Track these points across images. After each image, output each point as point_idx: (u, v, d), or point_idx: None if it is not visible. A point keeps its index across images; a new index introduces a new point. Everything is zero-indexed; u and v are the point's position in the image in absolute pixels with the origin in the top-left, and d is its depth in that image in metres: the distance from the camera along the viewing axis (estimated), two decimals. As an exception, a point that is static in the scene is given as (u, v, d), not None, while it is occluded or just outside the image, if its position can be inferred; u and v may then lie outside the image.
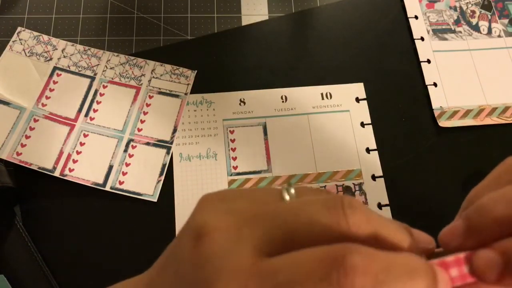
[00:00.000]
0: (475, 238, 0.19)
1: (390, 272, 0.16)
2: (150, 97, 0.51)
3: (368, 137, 0.51)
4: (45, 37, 0.53)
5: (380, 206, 0.48)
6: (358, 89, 0.53)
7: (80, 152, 0.48)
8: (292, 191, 0.19)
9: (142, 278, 0.22)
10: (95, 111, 0.50)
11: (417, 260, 0.16)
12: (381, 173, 0.49)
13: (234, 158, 0.49)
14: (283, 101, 0.52)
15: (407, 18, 0.57)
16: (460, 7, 0.58)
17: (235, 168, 0.49)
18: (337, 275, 0.15)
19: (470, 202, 0.21)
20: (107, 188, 0.47)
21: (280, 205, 0.18)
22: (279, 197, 0.19)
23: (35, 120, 0.49)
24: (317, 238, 0.17)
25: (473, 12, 0.58)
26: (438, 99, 0.52)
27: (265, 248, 0.17)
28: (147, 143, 0.49)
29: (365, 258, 0.16)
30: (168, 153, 0.49)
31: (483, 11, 0.58)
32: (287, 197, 0.19)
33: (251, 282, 0.16)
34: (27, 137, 0.48)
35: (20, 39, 0.53)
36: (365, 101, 0.52)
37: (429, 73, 0.54)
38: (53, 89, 0.51)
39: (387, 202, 0.48)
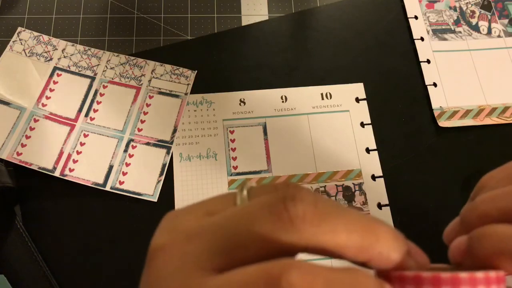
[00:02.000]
0: (465, 231, 0.21)
1: None
2: (150, 97, 0.51)
3: (368, 137, 0.51)
4: (45, 37, 0.53)
5: (380, 206, 0.48)
6: (358, 89, 0.53)
7: (80, 152, 0.48)
8: (244, 192, 0.18)
9: None
10: (95, 111, 0.50)
11: (365, 279, 0.15)
12: (381, 173, 0.49)
13: (234, 158, 0.49)
14: (283, 101, 0.52)
15: (407, 18, 0.57)
16: (460, 7, 0.58)
17: (235, 168, 0.49)
18: None
19: (475, 193, 0.24)
20: (107, 188, 0.47)
21: (225, 213, 0.17)
22: (232, 202, 0.18)
23: (35, 120, 0.49)
24: (261, 243, 0.15)
25: (473, 12, 0.58)
26: (438, 99, 0.53)
27: (212, 265, 0.15)
28: (147, 143, 0.49)
29: (304, 277, 0.14)
30: (168, 153, 0.49)
31: (483, 11, 0.58)
32: (238, 201, 0.18)
33: None
34: (27, 137, 0.48)
35: (20, 39, 0.53)
36: (365, 101, 0.52)
37: (429, 73, 0.54)
38: (53, 89, 0.51)
39: (387, 202, 0.48)
